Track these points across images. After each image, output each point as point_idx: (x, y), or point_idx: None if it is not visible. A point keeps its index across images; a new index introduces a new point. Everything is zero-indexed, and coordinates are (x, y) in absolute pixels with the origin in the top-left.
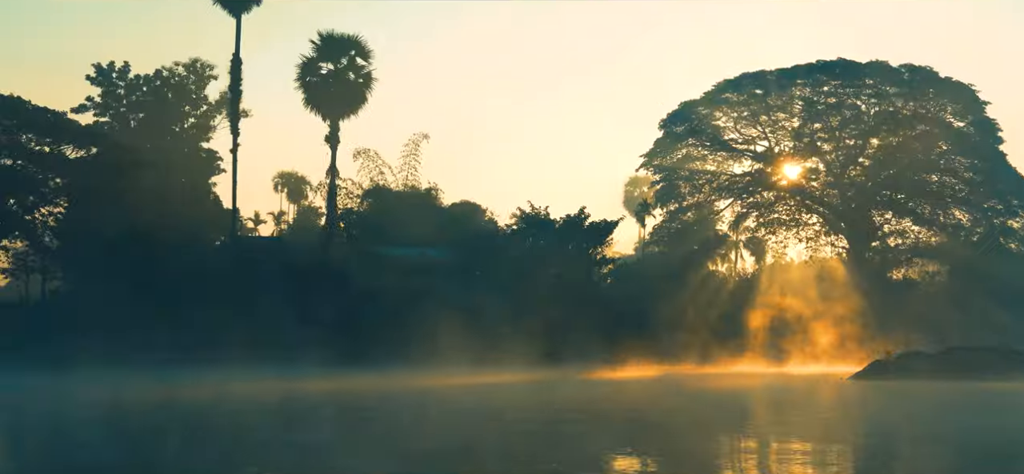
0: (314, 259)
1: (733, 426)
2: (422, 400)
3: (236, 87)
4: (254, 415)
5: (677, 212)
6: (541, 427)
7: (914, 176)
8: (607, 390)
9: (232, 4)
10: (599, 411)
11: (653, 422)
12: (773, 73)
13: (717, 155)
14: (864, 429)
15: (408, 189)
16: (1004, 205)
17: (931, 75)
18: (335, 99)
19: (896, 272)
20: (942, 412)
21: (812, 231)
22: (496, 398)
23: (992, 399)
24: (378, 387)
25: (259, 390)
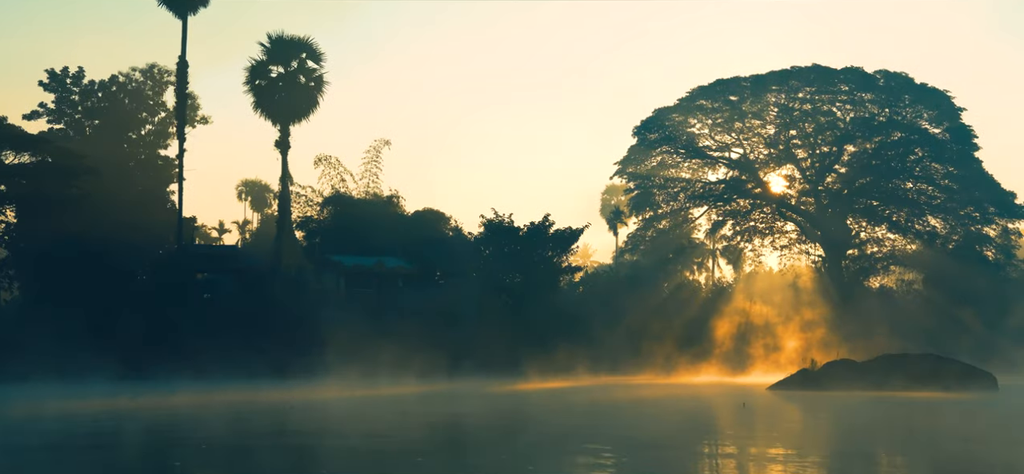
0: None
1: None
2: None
3: (182, 91)
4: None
5: (651, 220)
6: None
7: (889, 183)
8: (465, 404)
9: (178, 6)
10: (354, 429)
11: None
12: (747, 80)
13: (691, 162)
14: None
15: (370, 196)
16: (980, 212)
17: (906, 81)
18: (285, 103)
19: (873, 280)
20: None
21: (788, 239)
22: (314, 415)
23: (890, 410)
24: (246, 400)
25: (118, 406)
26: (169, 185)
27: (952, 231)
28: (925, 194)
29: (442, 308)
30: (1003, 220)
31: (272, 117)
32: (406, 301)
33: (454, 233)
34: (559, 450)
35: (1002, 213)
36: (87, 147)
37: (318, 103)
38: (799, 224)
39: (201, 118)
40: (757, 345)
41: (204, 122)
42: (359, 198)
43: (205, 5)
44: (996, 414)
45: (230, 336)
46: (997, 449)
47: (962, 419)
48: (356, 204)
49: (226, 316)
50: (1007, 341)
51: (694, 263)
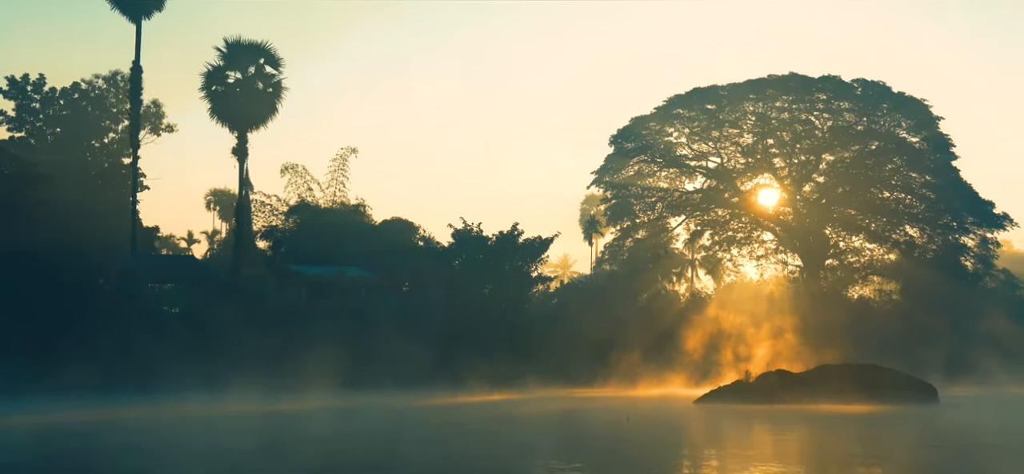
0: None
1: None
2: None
3: (136, 96)
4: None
5: (629, 230)
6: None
7: (867, 193)
8: (298, 423)
9: (131, 10)
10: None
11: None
12: (725, 88)
13: (669, 172)
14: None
15: (337, 205)
16: (958, 222)
17: (884, 90)
18: (243, 109)
19: (851, 290)
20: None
21: (766, 249)
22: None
23: (794, 426)
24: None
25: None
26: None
27: (929, 241)
28: (903, 204)
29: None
30: (981, 230)
31: (230, 124)
32: (368, 312)
33: (425, 243)
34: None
35: (980, 223)
36: (49, 155)
37: (277, 109)
38: (777, 234)
39: (167, 126)
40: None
41: (170, 130)
42: (325, 207)
43: (160, 9)
44: (906, 428)
45: (161, 347)
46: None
47: (862, 432)
48: (322, 213)
49: (164, 327)
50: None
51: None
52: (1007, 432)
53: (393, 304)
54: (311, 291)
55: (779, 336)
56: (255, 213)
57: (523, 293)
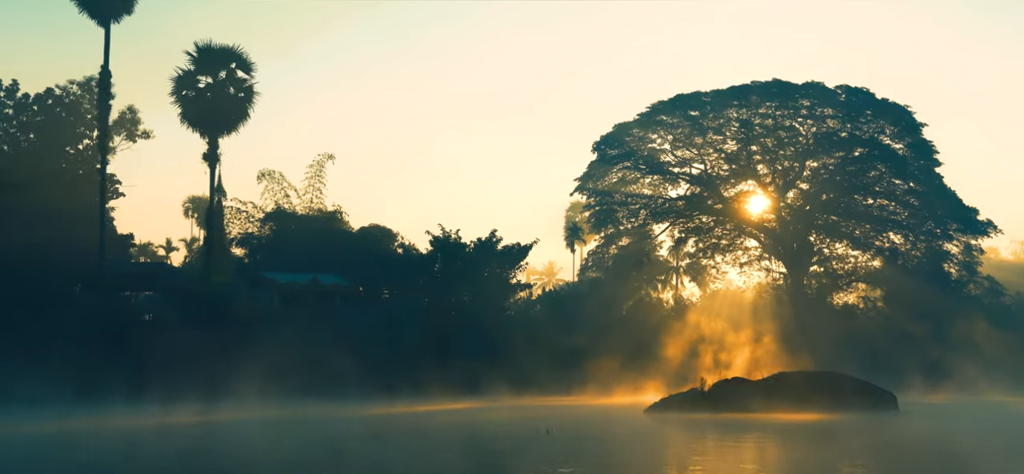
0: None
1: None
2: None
3: (105, 101)
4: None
5: (613, 236)
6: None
7: (851, 199)
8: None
9: (99, 13)
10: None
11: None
12: (708, 94)
13: (652, 178)
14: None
15: (313, 212)
16: (942, 229)
17: (867, 96)
18: (214, 115)
19: (836, 297)
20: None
21: (751, 255)
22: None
23: (722, 438)
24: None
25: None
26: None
27: (913, 247)
28: (887, 210)
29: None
30: (965, 236)
31: (201, 129)
32: (343, 319)
33: (404, 250)
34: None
35: (964, 229)
36: (22, 162)
37: (249, 114)
38: (761, 241)
39: (143, 132)
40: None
41: (146, 136)
42: (302, 214)
43: (129, 13)
44: (846, 438)
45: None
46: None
47: (797, 442)
48: (298, 220)
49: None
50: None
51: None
52: (952, 441)
53: (368, 312)
54: (284, 298)
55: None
56: (231, 220)
57: (502, 300)
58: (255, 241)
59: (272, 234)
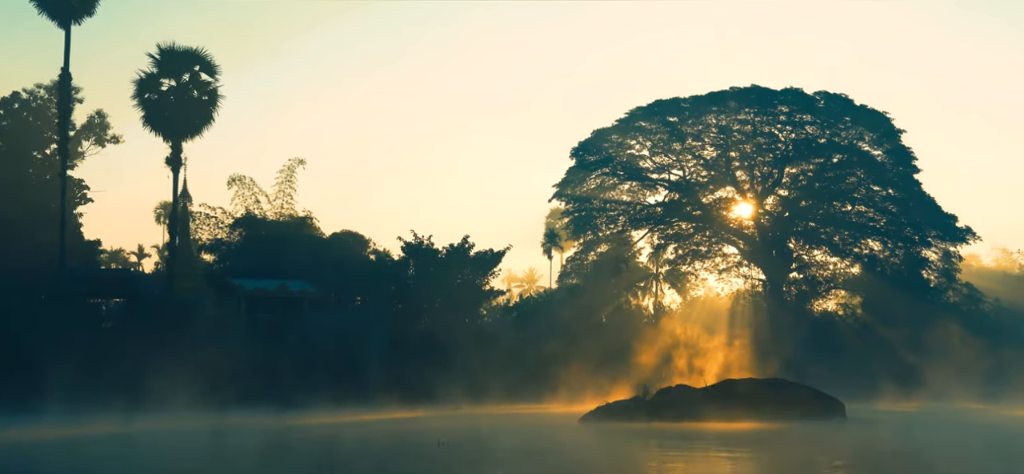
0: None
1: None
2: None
3: (66, 104)
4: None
5: (592, 243)
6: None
7: (830, 206)
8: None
9: (60, 14)
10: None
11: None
12: (687, 100)
13: (631, 184)
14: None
15: (284, 218)
16: (920, 236)
17: (846, 103)
18: (177, 118)
19: (816, 304)
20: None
21: (730, 262)
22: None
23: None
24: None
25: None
26: (77, 206)
27: (892, 254)
28: (865, 217)
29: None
30: (943, 243)
31: (164, 133)
32: (311, 326)
33: (377, 256)
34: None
35: (943, 236)
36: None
37: (213, 118)
38: (740, 247)
39: (112, 137)
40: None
41: (116, 141)
42: (272, 219)
43: (90, 14)
44: (771, 449)
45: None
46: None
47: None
48: (268, 225)
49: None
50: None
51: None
52: (882, 452)
53: (336, 318)
54: (251, 305)
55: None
56: (199, 226)
57: (475, 307)
58: (224, 247)
59: (242, 240)
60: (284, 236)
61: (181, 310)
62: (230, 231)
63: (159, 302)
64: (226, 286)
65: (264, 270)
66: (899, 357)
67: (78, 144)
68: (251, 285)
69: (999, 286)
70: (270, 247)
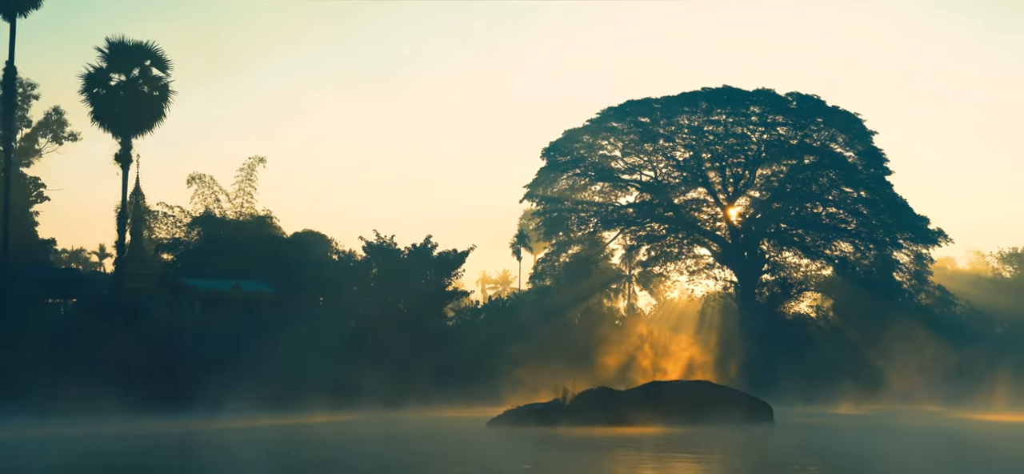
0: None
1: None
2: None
3: (10, 99)
4: None
5: (564, 244)
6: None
7: (801, 207)
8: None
9: (5, 8)
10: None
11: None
12: (658, 101)
13: (602, 185)
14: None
15: (246, 217)
16: (891, 238)
17: (818, 104)
18: (127, 114)
19: (788, 306)
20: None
21: (702, 263)
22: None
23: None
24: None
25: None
26: (32, 205)
27: (863, 256)
28: (836, 218)
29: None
30: (915, 245)
31: (113, 129)
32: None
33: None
34: None
35: (914, 239)
36: None
37: (165, 114)
38: (712, 249)
39: (70, 134)
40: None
41: (73, 138)
42: (232, 219)
43: (36, 7)
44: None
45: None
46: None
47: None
48: (227, 225)
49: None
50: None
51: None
52: (779, 460)
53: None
54: (205, 306)
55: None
56: (158, 225)
57: (439, 307)
58: (182, 246)
59: (200, 239)
60: (243, 236)
61: (128, 311)
62: (188, 230)
63: (106, 303)
64: (179, 286)
65: (223, 270)
66: (865, 360)
67: (34, 141)
68: (204, 285)
69: (972, 289)
70: (229, 247)
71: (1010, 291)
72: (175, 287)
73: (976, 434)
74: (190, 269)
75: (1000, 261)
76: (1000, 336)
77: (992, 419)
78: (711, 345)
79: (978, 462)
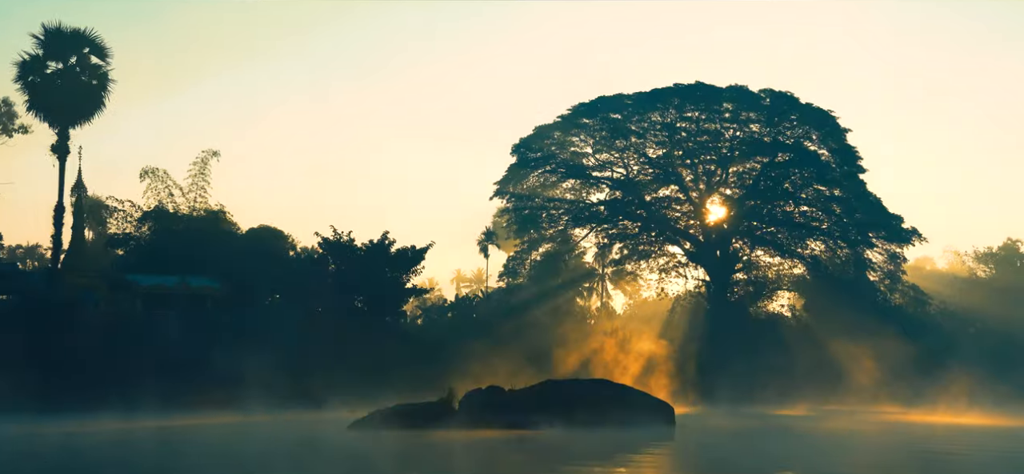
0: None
1: None
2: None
3: None
4: None
5: (536, 242)
6: None
7: (774, 205)
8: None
9: None
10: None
11: None
12: (630, 97)
13: (573, 182)
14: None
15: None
16: (863, 236)
17: (791, 101)
18: (64, 103)
19: (762, 304)
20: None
21: (675, 261)
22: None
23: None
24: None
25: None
26: None
27: (835, 255)
28: (809, 217)
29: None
30: (889, 245)
31: (49, 119)
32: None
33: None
34: None
35: (888, 237)
36: None
37: (104, 104)
38: (685, 248)
39: (20, 126)
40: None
41: (24, 131)
42: (185, 214)
43: None
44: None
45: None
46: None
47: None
48: (182, 220)
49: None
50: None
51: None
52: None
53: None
54: (148, 302)
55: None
56: (108, 219)
57: (397, 305)
58: (133, 242)
59: (152, 234)
60: (196, 231)
61: (64, 309)
62: (138, 225)
63: (41, 300)
64: (120, 282)
65: (174, 266)
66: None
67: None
68: (147, 281)
69: (948, 289)
70: (181, 242)
71: (985, 291)
72: (116, 283)
73: (891, 437)
74: (140, 264)
75: (976, 260)
76: (973, 336)
77: (933, 421)
78: (676, 344)
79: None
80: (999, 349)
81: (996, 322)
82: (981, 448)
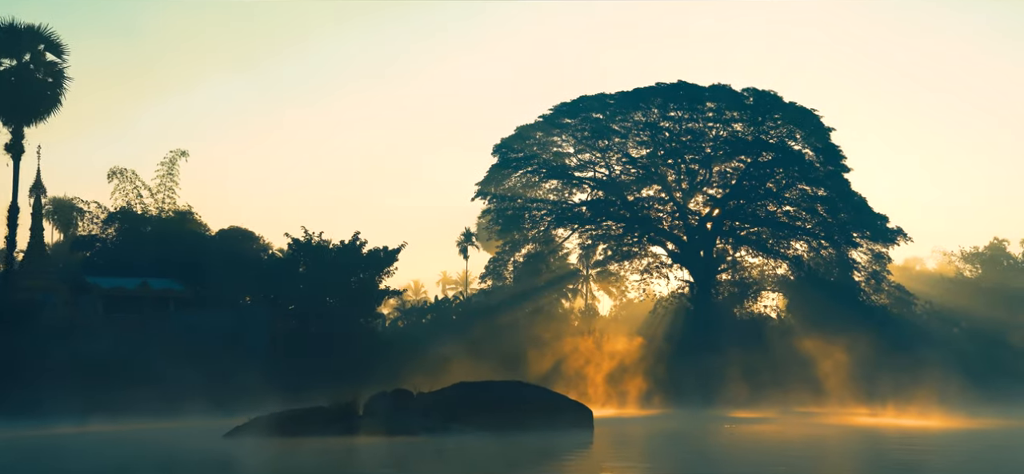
0: None
1: None
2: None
3: None
4: None
5: (518, 243)
6: None
7: (757, 205)
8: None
9: None
10: None
11: None
12: (613, 96)
13: (556, 182)
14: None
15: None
16: (845, 236)
17: (775, 100)
18: (18, 101)
19: (746, 305)
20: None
21: (658, 262)
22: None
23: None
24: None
25: None
26: None
27: (818, 255)
28: (793, 216)
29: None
30: (873, 244)
31: (3, 117)
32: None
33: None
34: None
35: (872, 237)
36: None
37: (61, 102)
38: (668, 248)
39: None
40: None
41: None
42: (152, 215)
43: None
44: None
45: None
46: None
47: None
48: (149, 221)
49: None
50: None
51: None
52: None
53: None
54: (108, 305)
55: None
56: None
57: (370, 306)
58: (99, 243)
59: (118, 236)
60: (163, 232)
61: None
62: (104, 226)
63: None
64: (80, 285)
65: (141, 268)
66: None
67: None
68: (108, 283)
69: (934, 289)
70: (147, 243)
71: (971, 290)
72: (76, 286)
73: (830, 440)
74: (106, 267)
75: (963, 260)
76: (957, 336)
77: (901, 425)
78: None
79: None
80: (984, 350)
81: (982, 322)
82: (939, 452)
